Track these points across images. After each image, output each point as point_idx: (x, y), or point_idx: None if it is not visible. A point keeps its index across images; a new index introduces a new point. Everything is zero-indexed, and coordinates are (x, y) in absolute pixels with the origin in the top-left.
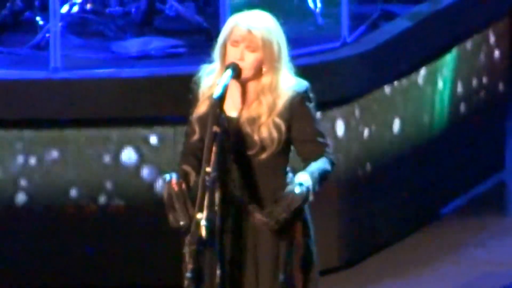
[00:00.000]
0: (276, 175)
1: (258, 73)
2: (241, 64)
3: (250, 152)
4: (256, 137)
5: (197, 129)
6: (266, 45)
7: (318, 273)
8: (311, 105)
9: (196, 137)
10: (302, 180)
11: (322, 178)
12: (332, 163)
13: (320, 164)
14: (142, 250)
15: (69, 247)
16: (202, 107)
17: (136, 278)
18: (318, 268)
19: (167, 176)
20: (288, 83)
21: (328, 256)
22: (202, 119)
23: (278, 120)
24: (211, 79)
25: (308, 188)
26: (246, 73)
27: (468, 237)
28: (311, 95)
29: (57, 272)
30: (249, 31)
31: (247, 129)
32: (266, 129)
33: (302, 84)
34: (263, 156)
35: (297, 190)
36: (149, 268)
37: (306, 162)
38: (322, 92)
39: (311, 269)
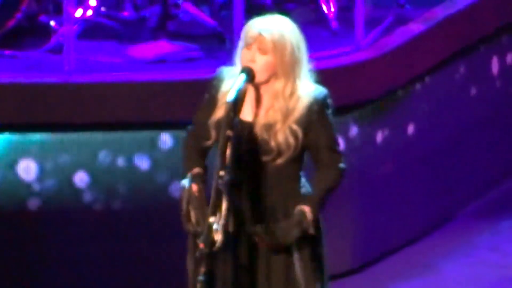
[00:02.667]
0: (290, 180)
1: (272, 77)
2: (253, 66)
3: (265, 158)
4: (272, 143)
5: (213, 133)
6: (278, 48)
7: (329, 279)
8: (330, 113)
9: (210, 142)
10: (304, 208)
11: (327, 195)
12: (342, 174)
13: (327, 183)
14: (155, 253)
15: (81, 251)
16: (219, 112)
17: (148, 283)
18: (328, 274)
19: (186, 183)
20: (305, 89)
21: (341, 259)
22: (219, 124)
23: (295, 126)
24: (231, 82)
25: (306, 224)
26: (258, 76)
27: (482, 240)
28: (329, 102)
29: (70, 277)
30: (260, 34)
31: (263, 134)
32: (283, 135)
33: (321, 91)
34: (279, 161)
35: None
36: (162, 272)
37: (319, 170)
38: (336, 95)
39: (323, 277)
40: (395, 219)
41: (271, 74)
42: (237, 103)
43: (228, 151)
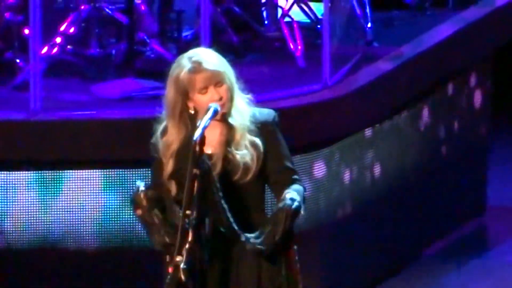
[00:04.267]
0: (256, 202)
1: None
2: (222, 102)
3: (233, 178)
4: (237, 159)
5: (173, 187)
6: (226, 76)
7: None
8: (279, 132)
9: (173, 194)
10: (292, 196)
11: (303, 200)
12: (304, 190)
13: (299, 188)
14: None
15: None
16: (169, 167)
17: None
18: None
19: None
20: (248, 107)
21: None
22: (176, 174)
23: (251, 137)
24: (168, 138)
25: (299, 202)
26: (227, 107)
27: (450, 280)
28: (278, 121)
29: None
30: (212, 71)
31: (227, 154)
32: (244, 149)
33: (269, 112)
34: (247, 178)
35: (290, 203)
36: None
37: (281, 188)
38: (304, 134)
39: None
40: (362, 259)
41: (228, 100)
42: (203, 141)
43: (195, 190)
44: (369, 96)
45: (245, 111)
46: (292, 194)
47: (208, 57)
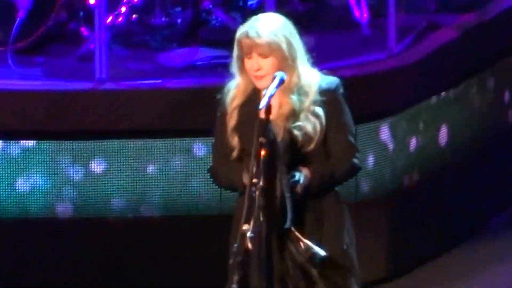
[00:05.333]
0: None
1: None
2: (261, 73)
3: (295, 149)
4: (296, 132)
5: (235, 141)
6: (274, 48)
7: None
8: (344, 101)
9: (235, 153)
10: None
11: (329, 179)
12: (354, 170)
13: (334, 170)
14: (187, 262)
15: (111, 258)
16: (232, 120)
17: None
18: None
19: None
20: (311, 75)
21: (375, 267)
22: (238, 130)
23: (313, 107)
24: (234, 92)
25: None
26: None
27: None
28: (342, 90)
29: (99, 284)
30: (254, 40)
31: (287, 127)
32: (306, 120)
33: (332, 79)
34: (310, 148)
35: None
36: (195, 280)
37: (332, 159)
38: (369, 103)
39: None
40: (428, 228)
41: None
42: (269, 109)
43: (262, 158)
44: (434, 65)
45: (309, 83)
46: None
47: (261, 26)
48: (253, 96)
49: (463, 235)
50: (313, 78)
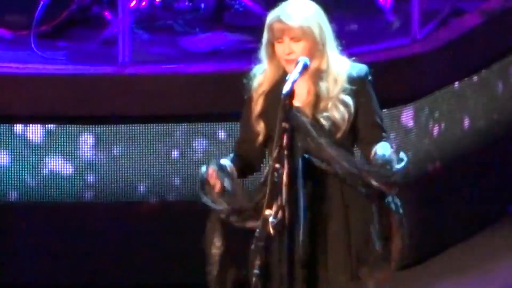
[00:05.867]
0: (349, 153)
1: (311, 60)
2: (294, 57)
3: (323, 136)
4: (323, 121)
5: (261, 127)
6: (307, 32)
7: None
8: (372, 89)
9: (261, 137)
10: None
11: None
12: (391, 147)
13: (386, 145)
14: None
15: (134, 244)
16: (257, 106)
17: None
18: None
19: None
20: (340, 63)
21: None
22: (263, 115)
23: (342, 96)
24: (261, 78)
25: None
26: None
27: None
28: (371, 78)
29: (122, 270)
30: (286, 24)
31: (315, 114)
32: (334, 108)
33: (361, 67)
34: (338, 136)
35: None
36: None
37: (368, 145)
38: (392, 88)
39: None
40: (450, 213)
41: (309, 57)
42: (292, 95)
43: (285, 143)
44: (458, 50)
45: (338, 71)
46: (383, 149)
47: (293, 10)
48: (281, 82)
49: (482, 221)
50: (343, 66)
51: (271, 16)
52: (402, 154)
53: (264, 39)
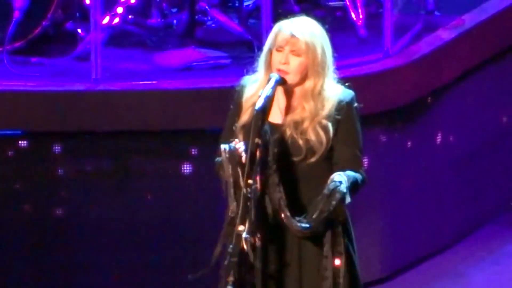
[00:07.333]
0: (320, 182)
1: (303, 78)
2: (286, 68)
3: (296, 158)
4: (301, 142)
5: (240, 137)
6: (310, 49)
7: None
8: (357, 115)
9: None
10: (340, 179)
11: (354, 186)
12: (364, 181)
13: (355, 174)
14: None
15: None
16: (245, 116)
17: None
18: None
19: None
20: (333, 90)
21: (371, 267)
22: (246, 128)
23: (324, 121)
24: (254, 87)
25: (347, 188)
26: (291, 78)
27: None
28: (357, 105)
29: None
30: (293, 35)
31: (293, 134)
32: (313, 132)
33: (349, 92)
34: (312, 160)
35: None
36: None
37: (340, 170)
38: (365, 103)
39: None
40: (424, 227)
41: (303, 75)
42: (265, 111)
43: (257, 159)
44: (430, 65)
45: (329, 96)
46: (340, 177)
47: (302, 25)
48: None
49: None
50: (334, 93)
51: (278, 25)
52: (348, 199)
53: (266, 47)
